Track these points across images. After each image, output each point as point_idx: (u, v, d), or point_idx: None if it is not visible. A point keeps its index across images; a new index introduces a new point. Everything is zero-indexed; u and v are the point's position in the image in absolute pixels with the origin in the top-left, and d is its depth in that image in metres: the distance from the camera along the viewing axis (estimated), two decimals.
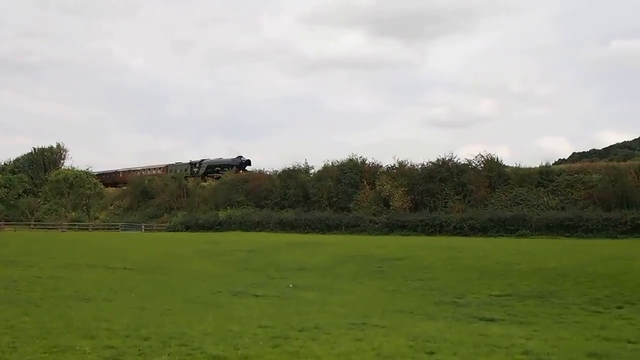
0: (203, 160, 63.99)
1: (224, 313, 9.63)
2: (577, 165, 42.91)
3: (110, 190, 64.36)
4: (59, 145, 74.81)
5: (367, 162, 46.95)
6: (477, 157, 42.61)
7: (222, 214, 46.77)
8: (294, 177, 48.82)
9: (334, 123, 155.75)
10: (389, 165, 45.37)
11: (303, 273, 17.83)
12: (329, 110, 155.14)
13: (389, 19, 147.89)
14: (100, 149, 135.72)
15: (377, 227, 38.48)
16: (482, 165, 42.05)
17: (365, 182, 44.29)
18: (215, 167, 61.28)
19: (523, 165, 42.51)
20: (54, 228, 48.70)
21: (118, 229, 49.13)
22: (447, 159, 42.67)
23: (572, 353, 6.65)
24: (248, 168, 58.99)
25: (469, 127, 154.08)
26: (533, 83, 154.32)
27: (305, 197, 46.46)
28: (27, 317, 8.38)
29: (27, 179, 65.22)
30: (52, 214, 57.27)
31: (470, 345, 6.87)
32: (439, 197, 40.57)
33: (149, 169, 67.42)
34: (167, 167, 65.30)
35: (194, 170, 62.57)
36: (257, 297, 12.34)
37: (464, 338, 7.41)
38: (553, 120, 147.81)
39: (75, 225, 51.06)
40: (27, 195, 63.38)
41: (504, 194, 39.38)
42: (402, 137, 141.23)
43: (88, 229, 49.28)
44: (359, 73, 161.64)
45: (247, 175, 54.36)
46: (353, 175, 45.04)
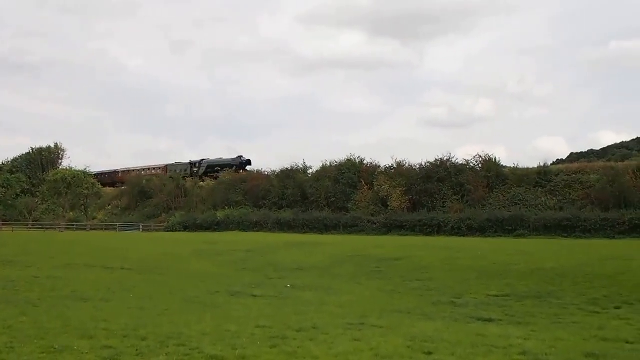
0: (203, 160, 63.72)
1: (222, 313, 9.63)
2: (575, 166, 42.93)
3: (108, 190, 64.26)
4: (57, 145, 74.66)
5: (365, 162, 46.88)
6: (475, 157, 42.64)
7: (220, 214, 46.70)
8: (292, 177, 48.76)
9: (332, 123, 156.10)
10: (387, 166, 45.33)
11: (301, 273, 17.83)
12: (327, 110, 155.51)
13: (388, 19, 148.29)
14: (99, 149, 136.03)
15: (375, 227, 38.48)
16: (480, 166, 42.03)
17: (364, 182, 44.25)
18: (215, 167, 60.91)
19: (521, 166, 42.64)
20: (52, 228, 48.60)
21: (116, 229, 49.05)
22: (445, 159, 42.67)
23: (569, 353, 6.66)
24: (248, 168, 58.85)
25: (467, 127, 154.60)
26: (531, 83, 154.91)
27: (304, 197, 46.40)
28: (25, 317, 8.38)
29: (24, 179, 65.07)
30: (50, 214, 57.18)
31: (468, 346, 6.88)
32: (437, 197, 40.58)
33: (149, 169, 67.28)
34: (166, 167, 65.09)
35: (194, 170, 62.34)
36: (255, 297, 12.33)
37: (462, 338, 7.42)
38: (551, 121, 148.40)
39: (73, 225, 51.00)
40: (25, 195, 63.30)
41: (502, 194, 39.39)
42: (400, 137, 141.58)
43: (86, 229, 49.22)
44: (358, 73, 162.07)
45: (245, 176, 54.18)
46: (351, 176, 44.98)
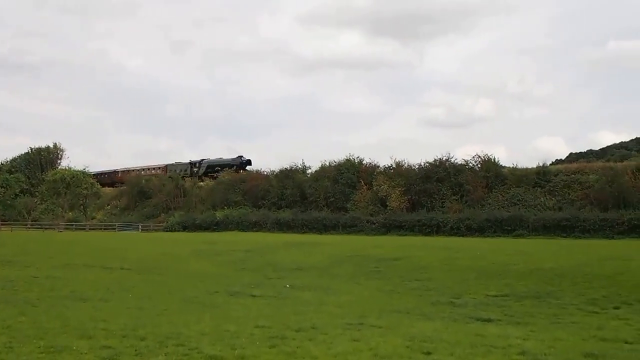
0: (203, 160, 63.60)
1: (221, 313, 9.63)
2: (574, 166, 42.95)
3: (107, 190, 64.15)
4: (56, 145, 74.65)
5: (364, 162, 46.85)
6: (474, 157, 42.63)
7: (219, 214, 46.67)
8: (291, 177, 48.73)
9: (332, 123, 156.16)
10: (386, 166, 45.29)
11: (300, 273, 17.83)
12: (327, 111, 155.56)
13: (387, 19, 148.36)
14: (99, 149, 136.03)
15: (374, 227, 38.47)
16: (479, 166, 42.04)
17: (363, 182, 44.23)
18: (215, 167, 60.76)
19: (520, 166, 42.62)
20: (51, 228, 48.54)
21: (115, 229, 49.03)
22: (444, 159, 42.68)
23: (568, 353, 6.66)
24: (248, 168, 58.76)
25: (467, 127, 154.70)
26: (530, 83, 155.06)
27: (303, 197, 46.38)
28: (24, 317, 8.37)
29: (24, 179, 65.01)
30: (49, 214, 57.15)
31: (467, 346, 6.88)
32: (436, 197, 40.58)
33: (148, 169, 67.18)
34: (166, 167, 64.98)
35: (194, 170, 62.23)
36: (254, 297, 12.33)
37: (461, 338, 7.42)
38: (550, 121, 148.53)
39: (72, 225, 50.94)
40: (24, 195, 63.24)
41: (501, 194, 39.39)
42: (399, 137, 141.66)
43: (85, 229, 49.18)
44: (357, 73, 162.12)
45: (244, 175, 54.11)
46: (350, 176, 44.96)
